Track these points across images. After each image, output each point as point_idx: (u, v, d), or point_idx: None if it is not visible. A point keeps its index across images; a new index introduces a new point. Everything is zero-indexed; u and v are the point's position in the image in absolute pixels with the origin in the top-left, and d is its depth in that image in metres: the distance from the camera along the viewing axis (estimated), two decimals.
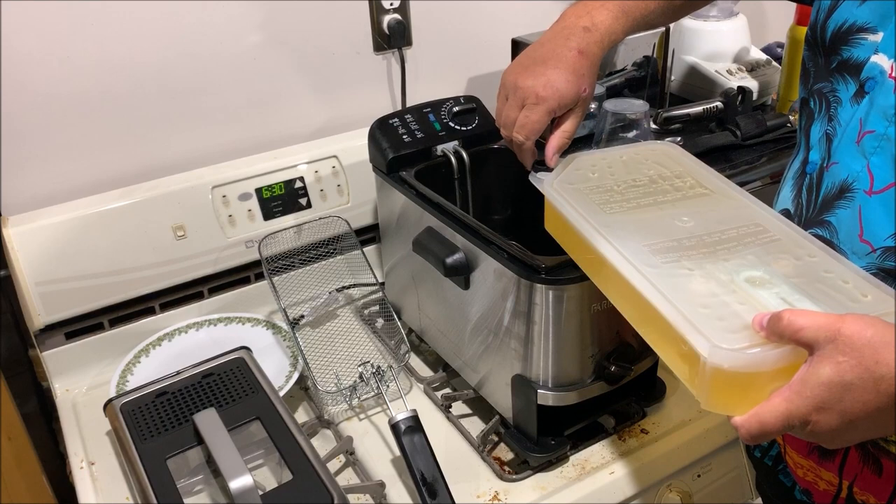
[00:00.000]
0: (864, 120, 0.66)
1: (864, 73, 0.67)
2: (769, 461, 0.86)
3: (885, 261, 0.64)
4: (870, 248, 0.65)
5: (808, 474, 0.78)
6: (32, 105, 1.04)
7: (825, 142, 0.71)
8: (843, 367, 0.51)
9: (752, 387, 0.55)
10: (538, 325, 0.83)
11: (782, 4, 1.59)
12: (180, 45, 1.10)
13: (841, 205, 0.68)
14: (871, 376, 0.50)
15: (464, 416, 0.98)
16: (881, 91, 0.65)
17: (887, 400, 0.50)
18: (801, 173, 0.74)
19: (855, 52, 0.68)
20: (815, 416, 0.52)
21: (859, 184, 0.66)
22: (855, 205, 0.66)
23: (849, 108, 0.68)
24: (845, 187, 0.67)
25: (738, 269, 0.62)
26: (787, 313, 0.53)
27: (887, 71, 0.64)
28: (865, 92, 0.66)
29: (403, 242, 1.02)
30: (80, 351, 1.07)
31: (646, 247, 0.66)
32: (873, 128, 0.65)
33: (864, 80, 0.67)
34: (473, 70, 1.37)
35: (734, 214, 0.71)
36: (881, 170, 0.64)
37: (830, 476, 0.74)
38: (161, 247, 1.07)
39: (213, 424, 0.82)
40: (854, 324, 0.51)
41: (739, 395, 0.55)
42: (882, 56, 0.65)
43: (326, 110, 1.25)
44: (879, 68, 0.65)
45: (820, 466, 0.75)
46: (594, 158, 0.83)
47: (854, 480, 0.72)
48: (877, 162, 0.65)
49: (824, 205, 0.70)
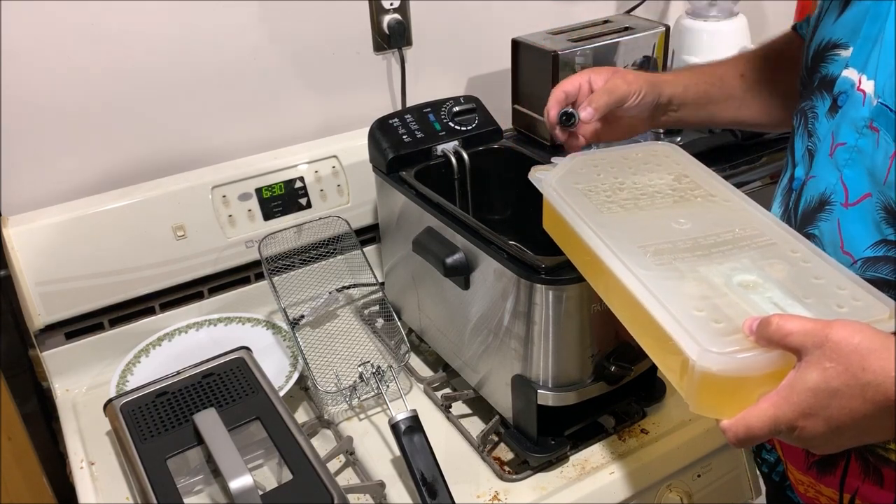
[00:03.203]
0: (835, 133, 0.67)
1: (837, 88, 0.68)
2: (776, 477, 0.86)
3: (867, 271, 0.64)
4: (851, 260, 0.65)
5: (809, 490, 0.78)
6: (32, 105, 1.04)
7: (808, 157, 0.72)
8: (829, 373, 0.51)
9: (740, 391, 0.55)
10: (538, 325, 0.83)
11: (782, 4, 1.59)
12: (180, 45, 1.10)
13: (822, 217, 0.68)
14: (858, 383, 0.50)
15: (464, 416, 0.98)
16: (851, 104, 0.66)
17: (873, 407, 0.50)
18: (789, 189, 0.75)
19: (830, 67, 0.69)
20: (801, 422, 0.52)
21: (836, 196, 0.67)
22: (834, 217, 0.67)
23: (825, 123, 0.69)
24: (824, 200, 0.68)
25: (732, 273, 0.62)
26: (775, 318, 0.53)
27: (856, 83, 0.65)
28: (839, 106, 0.67)
29: (403, 242, 1.02)
30: (80, 351, 1.07)
31: (640, 248, 0.66)
32: (844, 140, 0.66)
33: (837, 95, 0.67)
34: (473, 70, 1.37)
35: (731, 217, 0.71)
36: (854, 182, 0.65)
37: (830, 492, 0.74)
38: (161, 247, 1.07)
39: (213, 424, 0.82)
40: (842, 330, 0.51)
41: (728, 398, 0.55)
42: (852, 70, 0.66)
43: (326, 110, 1.25)
44: (850, 82, 0.66)
45: (819, 482, 0.75)
46: (595, 158, 0.83)
47: (855, 494, 0.72)
48: (849, 174, 0.65)
49: (805, 218, 0.70)
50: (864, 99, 0.64)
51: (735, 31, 1.41)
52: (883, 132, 0.62)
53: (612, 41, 1.24)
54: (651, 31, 1.26)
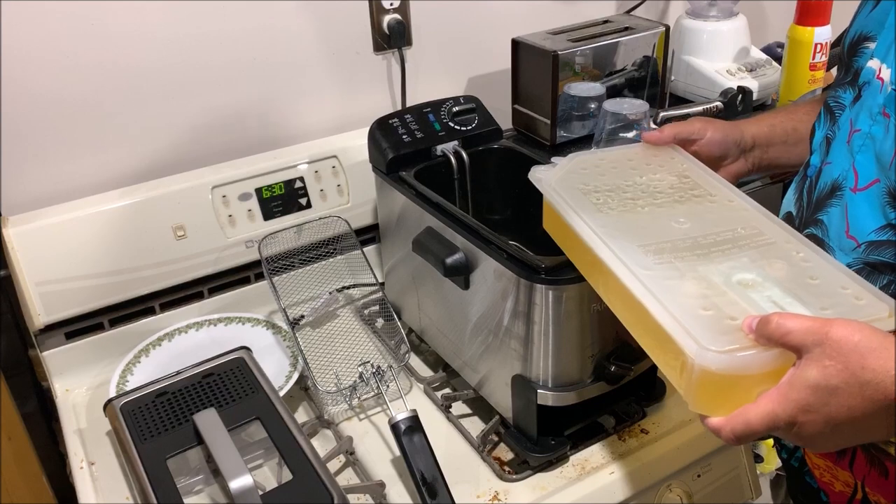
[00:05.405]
0: (853, 120, 0.68)
1: (861, 79, 0.69)
2: (795, 462, 0.87)
3: (870, 255, 0.65)
4: (855, 244, 0.66)
5: (825, 475, 0.78)
6: (33, 105, 1.04)
7: (825, 145, 0.72)
8: (829, 370, 0.51)
9: (739, 389, 0.55)
10: (538, 325, 0.83)
11: (782, 4, 1.59)
12: (180, 45, 1.10)
13: (832, 203, 0.69)
14: (857, 381, 0.50)
15: (464, 416, 0.98)
16: (870, 92, 0.67)
17: (872, 405, 0.50)
18: (803, 176, 0.75)
19: (860, 60, 0.70)
20: (800, 418, 0.52)
21: (847, 182, 0.67)
22: (843, 202, 0.68)
23: (847, 112, 0.70)
24: (836, 186, 0.69)
25: (731, 272, 0.62)
26: (775, 316, 0.54)
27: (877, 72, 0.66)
28: (861, 96, 0.68)
29: (403, 242, 1.02)
30: (80, 351, 1.07)
31: (640, 247, 0.66)
32: (860, 127, 0.67)
33: (862, 85, 0.69)
34: (473, 70, 1.37)
35: (731, 217, 0.71)
36: (864, 167, 0.66)
37: (847, 476, 0.75)
38: (161, 247, 1.07)
39: (213, 424, 0.82)
40: (842, 328, 0.51)
41: (726, 397, 0.55)
42: (875, 60, 0.67)
43: (326, 110, 1.25)
44: (872, 71, 0.67)
45: (837, 466, 0.75)
46: (595, 158, 0.83)
47: (864, 480, 0.73)
48: (861, 160, 0.66)
49: (818, 204, 0.71)
50: (882, 87, 0.65)
51: (735, 31, 1.41)
52: (894, 118, 0.63)
53: (612, 41, 1.24)
54: (651, 31, 1.26)
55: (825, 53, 1.33)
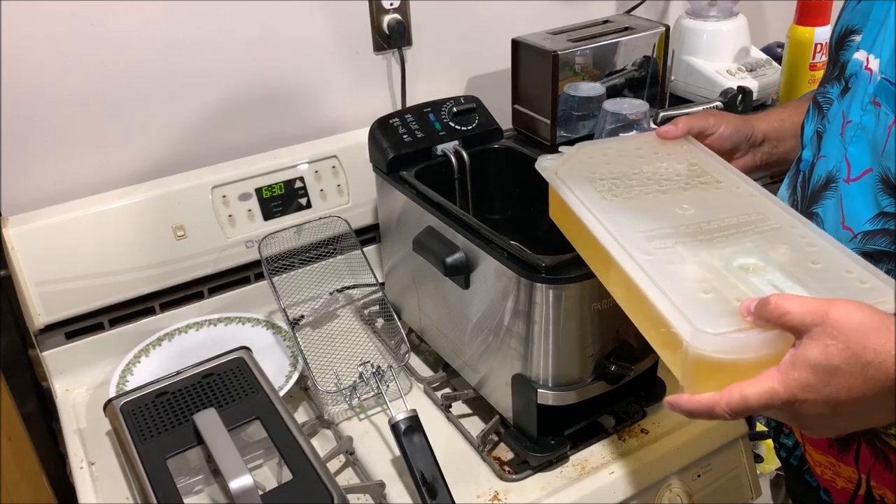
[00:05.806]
0: (845, 112, 0.68)
1: (848, 71, 0.69)
2: (794, 461, 0.87)
3: (866, 245, 0.65)
4: (851, 234, 0.66)
5: (827, 472, 0.78)
6: (33, 105, 1.04)
7: (816, 139, 0.73)
8: (830, 350, 0.51)
9: (735, 373, 0.54)
10: (538, 325, 0.83)
11: (782, 4, 1.59)
12: (180, 44, 1.10)
13: (827, 195, 0.69)
14: (859, 361, 0.50)
15: (464, 416, 0.98)
16: (859, 83, 0.67)
17: (874, 386, 0.50)
18: (796, 171, 0.76)
19: (846, 54, 0.71)
20: (800, 397, 0.52)
21: (840, 173, 0.68)
22: (837, 194, 0.68)
23: (836, 105, 0.71)
24: (830, 178, 0.69)
25: (733, 257, 0.62)
26: (774, 297, 0.53)
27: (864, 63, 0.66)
28: (849, 87, 0.69)
29: (403, 242, 1.02)
30: (80, 351, 1.07)
31: (642, 233, 0.66)
32: (851, 118, 0.67)
33: (849, 77, 0.69)
34: (473, 70, 1.37)
35: (737, 203, 0.70)
36: (857, 158, 0.66)
37: (849, 472, 0.75)
38: (161, 247, 1.07)
39: (213, 424, 0.82)
40: (843, 308, 0.51)
41: (723, 381, 0.55)
42: (861, 52, 0.67)
43: (326, 110, 1.25)
44: (859, 63, 0.67)
45: (839, 462, 0.75)
46: (603, 147, 0.83)
47: (869, 473, 0.73)
48: (853, 151, 0.66)
49: (812, 197, 0.71)
50: (870, 77, 0.65)
51: (735, 31, 1.41)
52: (884, 106, 0.63)
53: (612, 41, 1.23)
54: (651, 31, 1.26)
55: (825, 53, 1.33)
